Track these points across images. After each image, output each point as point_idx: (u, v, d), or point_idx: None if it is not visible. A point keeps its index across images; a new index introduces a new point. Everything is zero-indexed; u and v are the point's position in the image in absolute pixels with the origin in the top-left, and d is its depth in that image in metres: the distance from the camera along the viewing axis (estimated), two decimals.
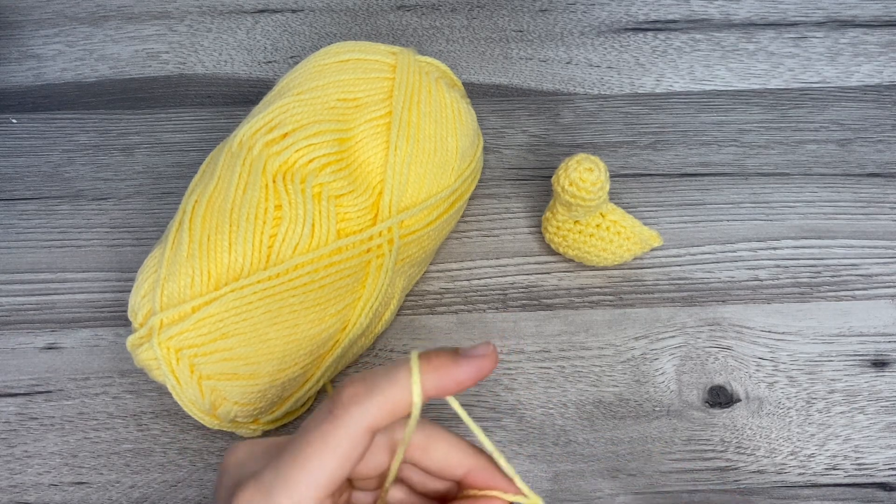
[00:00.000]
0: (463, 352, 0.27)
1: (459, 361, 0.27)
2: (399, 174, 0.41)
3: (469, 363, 0.27)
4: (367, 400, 0.25)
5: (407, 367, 0.26)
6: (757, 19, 0.56)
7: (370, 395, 0.25)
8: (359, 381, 0.26)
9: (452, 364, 0.26)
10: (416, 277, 0.44)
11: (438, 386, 0.26)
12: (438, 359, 0.26)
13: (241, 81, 0.54)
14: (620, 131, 0.51)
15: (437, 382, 0.26)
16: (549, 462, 0.40)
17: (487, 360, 0.27)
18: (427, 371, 0.26)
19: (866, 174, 0.49)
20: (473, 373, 0.27)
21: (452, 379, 0.26)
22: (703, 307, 0.44)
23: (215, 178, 0.39)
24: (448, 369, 0.26)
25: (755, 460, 0.40)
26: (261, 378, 0.37)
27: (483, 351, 0.27)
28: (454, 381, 0.26)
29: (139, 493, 0.40)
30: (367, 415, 0.25)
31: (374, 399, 0.25)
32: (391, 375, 0.26)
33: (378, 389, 0.26)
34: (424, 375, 0.26)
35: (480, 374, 0.27)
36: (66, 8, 0.58)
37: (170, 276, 0.37)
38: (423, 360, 0.26)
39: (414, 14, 0.57)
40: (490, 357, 0.27)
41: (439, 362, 0.26)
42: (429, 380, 0.26)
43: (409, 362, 0.26)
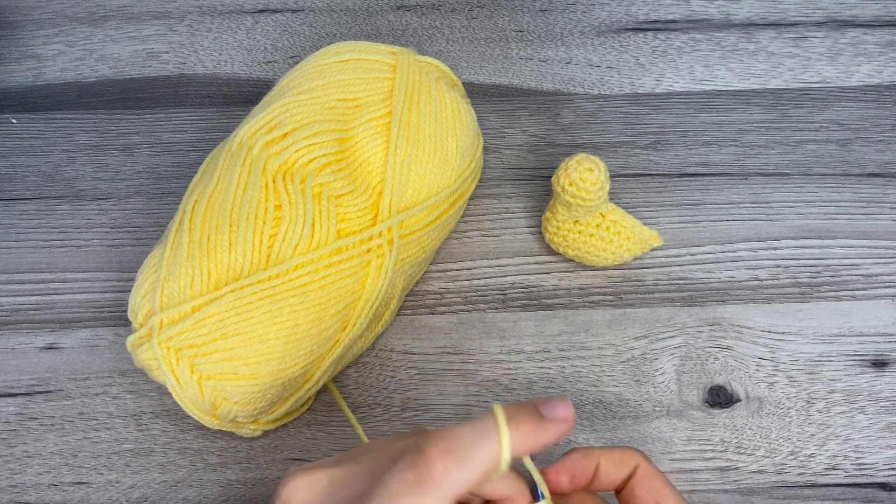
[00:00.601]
0: (546, 411, 0.27)
1: (545, 427, 0.27)
2: (399, 174, 0.41)
3: (555, 428, 0.27)
4: (458, 471, 0.25)
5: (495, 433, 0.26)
6: (757, 19, 0.56)
7: (460, 467, 0.25)
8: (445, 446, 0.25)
9: (537, 429, 0.27)
10: (416, 277, 0.44)
11: (523, 449, 0.26)
12: (524, 422, 0.27)
13: (241, 81, 0.54)
14: (620, 131, 0.51)
15: (522, 448, 0.26)
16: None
17: (567, 426, 0.27)
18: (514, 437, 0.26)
19: (866, 174, 0.49)
20: (555, 437, 0.27)
21: (536, 444, 0.27)
22: (703, 307, 0.44)
23: (215, 178, 0.39)
24: (533, 434, 0.27)
25: (755, 460, 0.40)
26: (261, 378, 0.37)
27: (564, 414, 0.27)
28: (538, 445, 0.27)
29: (139, 493, 0.40)
30: (458, 488, 0.25)
31: (466, 471, 0.25)
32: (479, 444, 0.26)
33: (469, 461, 0.25)
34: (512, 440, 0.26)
35: (560, 438, 0.27)
36: (66, 8, 0.58)
37: (170, 276, 0.37)
38: (511, 424, 0.26)
39: (414, 14, 0.57)
40: (570, 421, 0.27)
41: (526, 428, 0.26)
42: (515, 446, 0.26)
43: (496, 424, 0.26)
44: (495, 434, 0.26)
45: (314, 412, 0.42)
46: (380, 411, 0.42)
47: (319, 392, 0.42)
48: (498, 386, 0.42)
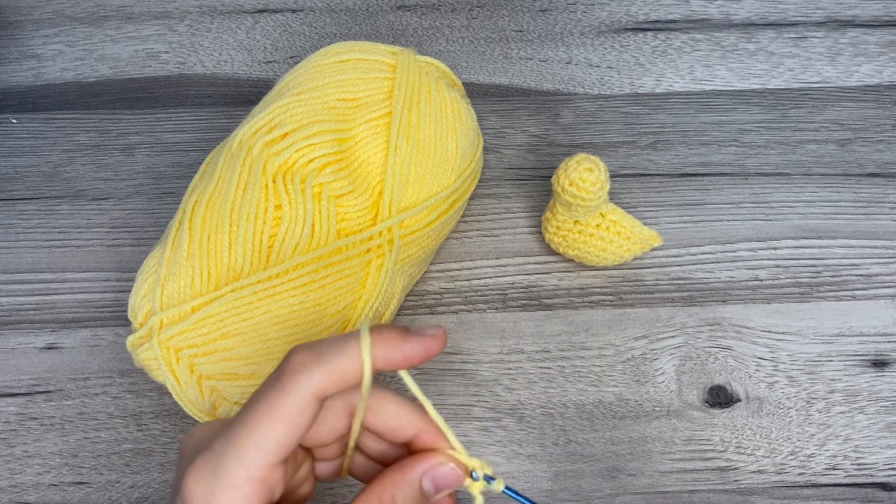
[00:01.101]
0: (414, 330, 0.28)
1: (409, 338, 0.27)
2: (399, 174, 0.41)
3: (418, 341, 0.27)
4: (316, 367, 0.25)
5: (357, 338, 0.26)
6: (757, 19, 0.56)
7: (318, 363, 0.26)
8: (307, 349, 0.26)
9: (402, 340, 0.27)
10: (416, 277, 0.44)
11: (387, 359, 0.27)
12: (388, 333, 0.27)
13: (241, 81, 0.54)
14: (620, 131, 0.51)
15: (386, 355, 0.27)
16: (549, 462, 0.40)
17: (436, 341, 0.28)
18: (377, 343, 0.26)
19: (866, 174, 0.49)
20: (421, 351, 0.27)
21: (401, 354, 0.27)
22: (703, 307, 0.44)
23: (215, 178, 0.39)
24: (397, 344, 0.27)
25: (755, 460, 0.40)
26: (261, 378, 0.37)
27: (433, 332, 0.28)
28: (402, 355, 0.27)
29: (139, 493, 0.40)
30: (315, 382, 0.25)
31: (323, 367, 0.26)
32: (340, 345, 0.26)
33: (326, 358, 0.26)
34: (374, 347, 0.26)
35: (428, 354, 0.27)
36: (66, 8, 0.58)
37: (170, 276, 0.37)
38: (374, 332, 0.27)
39: (414, 14, 0.57)
40: (439, 339, 0.28)
41: (389, 336, 0.27)
42: (378, 352, 0.26)
43: (359, 333, 0.26)
44: (356, 337, 0.26)
45: None
46: None
47: None
48: (498, 386, 0.42)
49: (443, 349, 0.28)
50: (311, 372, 0.25)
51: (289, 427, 0.25)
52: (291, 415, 0.25)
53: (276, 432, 0.25)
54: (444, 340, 0.28)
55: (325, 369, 0.25)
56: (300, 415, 0.25)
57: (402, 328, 0.27)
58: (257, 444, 0.25)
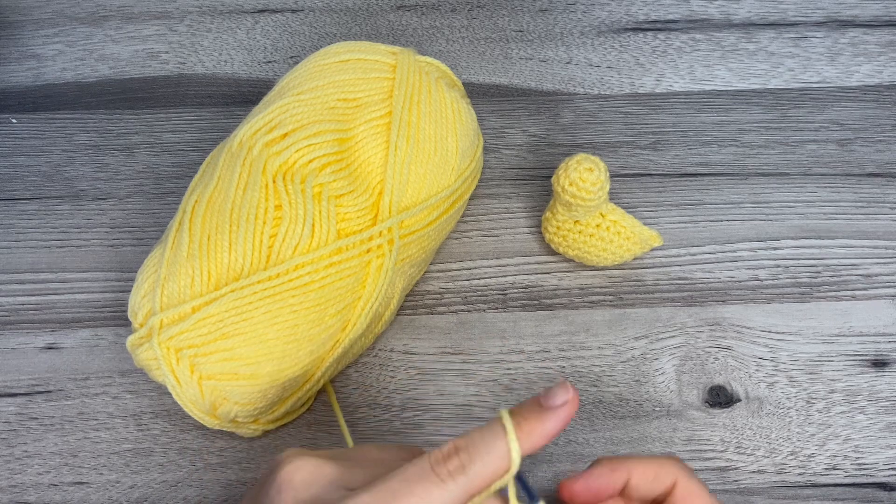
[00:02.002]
0: (546, 402, 0.28)
1: (547, 418, 0.28)
2: (399, 174, 0.41)
3: (556, 417, 0.28)
4: (471, 469, 0.27)
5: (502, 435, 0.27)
6: (757, 19, 0.56)
7: (472, 465, 0.27)
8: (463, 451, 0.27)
9: (540, 423, 0.28)
10: (416, 277, 0.44)
11: (530, 449, 0.28)
12: (528, 423, 0.28)
13: (241, 81, 0.54)
14: (620, 131, 0.51)
15: (530, 446, 0.28)
16: (549, 462, 0.40)
17: (571, 408, 0.28)
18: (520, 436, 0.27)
19: (866, 174, 0.49)
20: (561, 426, 0.28)
21: (542, 437, 0.28)
22: (703, 307, 0.44)
23: (215, 178, 0.39)
24: (538, 429, 0.28)
25: (755, 460, 0.40)
26: (261, 378, 0.37)
27: (564, 398, 0.28)
28: (544, 437, 0.28)
29: (139, 493, 0.40)
30: (471, 484, 0.27)
31: (476, 470, 0.27)
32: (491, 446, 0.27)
33: (480, 460, 0.27)
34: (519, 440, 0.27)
35: (566, 424, 0.29)
36: (66, 8, 0.58)
37: (170, 276, 0.37)
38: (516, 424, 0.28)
39: (414, 14, 0.57)
40: (572, 404, 0.28)
41: (529, 426, 0.28)
42: (523, 444, 0.27)
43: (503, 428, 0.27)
44: (501, 434, 0.27)
45: (314, 412, 0.42)
46: (380, 411, 0.42)
47: (319, 392, 0.42)
48: (498, 386, 0.42)
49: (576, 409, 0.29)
50: (468, 475, 0.27)
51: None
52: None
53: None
54: (576, 403, 0.29)
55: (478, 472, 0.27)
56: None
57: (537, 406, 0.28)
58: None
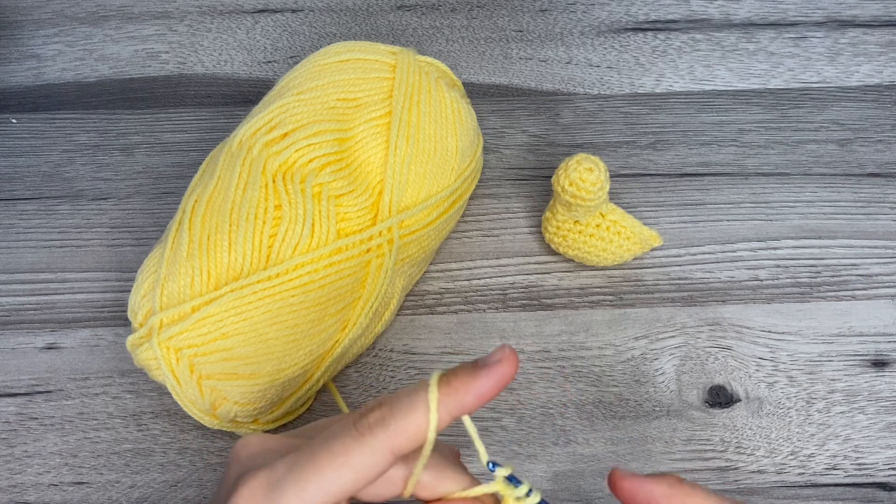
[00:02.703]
0: (481, 362, 0.26)
1: (478, 374, 0.26)
2: (399, 174, 0.41)
3: (487, 373, 0.26)
4: (392, 424, 0.25)
5: (426, 393, 0.26)
6: (757, 19, 0.56)
7: (395, 420, 0.25)
8: (385, 404, 0.26)
9: (471, 379, 0.26)
10: (416, 277, 0.44)
11: (459, 406, 0.26)
12: (457, 379, 0.26)
13: (241, 81, 0.54)
14: (620, 131, 0.51)
15: (458, 402, 0.26)
16: (549, 462, 0.40)
17: (506, 365, 0.26)
18: (447, 394, 0.26)
19: (866, 174, 0.49)
20: (493, 383, 0.26)
21: (473, 394, 0.26)
22: (703, 307, 0.44)
23: (215, 178, 0.39)
24: (467, 385, 0.26)
25: (755, 460, 0.40)
26: (261, 378, 0.37)
27: (499, 356, 0.26)
28: (475, 396, 0.26)
29: (139, 493, 0.40)
30: (391, 438, 0.25)
31: (398, 424, 0.25)
32: (413, 401, 0.26)
33: (401, 414, 0.25)
34: (445, 398, 0.26)
35: (502, 382, 0.26)
36: (66, 8, 0.58)
37: (170, 276, 0.37)
38: (443, 382, 0.26)
39: (414, 14, 0.57)
40: (508, 360, 0.26)
41: (458, 382, 0.26)
42: (449, 402, 0.26)
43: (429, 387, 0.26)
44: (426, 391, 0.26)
45: (314, 412, 0.42)
46: None
47: (319, 392, 0.42)
48: None
49: (516, 370, 0.27)
50: (388, 428, 0.25)
51: (356, 476, 0.25)
52: (362, 465, 0.25)
53: (342, 477, 0.25)
54: (514, 360, 0.26)
55: (401, 427, 0.25)
56: (371, 467, 0.25)
57: (470, 366, 0.26)
58: (321, 483, 0.25)
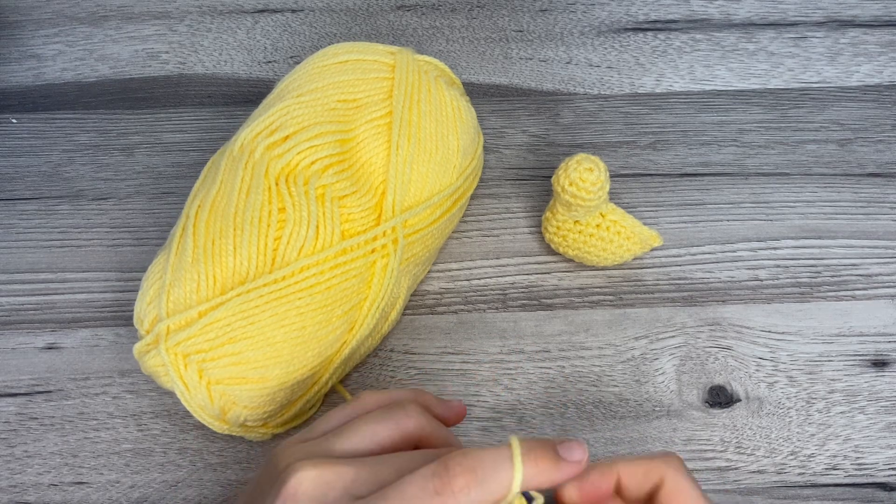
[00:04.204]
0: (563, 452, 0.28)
1: (559, 467, 0.28)
2: (401, 173, 0.41)
3: (568, 469, 0.28)
4: (476, 492, 0.26)
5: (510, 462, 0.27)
6: (757, 19, 0.56)
7: (479, 488, 0.26)
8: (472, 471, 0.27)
9: (552, 467, 0.27)
10: (420, 277, 0.44)
11: (534, 483, 0.27)
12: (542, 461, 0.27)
13: (241, 81, 0.54)
14: (620, 131, 0.51)
15: (536, 480, 0.27)
16: None
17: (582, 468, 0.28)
18: (528, 465, 0.27)
19: (866, 174, 0.49)
20: (567, 478, 0.28)
21: (548, 480, 0.27)
22: (703, 307, 0.44)
23: (217, 183, 0.39)
24: (548, 471, 0.27)
25: (755, 460, 0.40)
26: (270, 381, 0.37)
27: (579, 458, 0.28)
28: (549, 482, 0.28)
29: (139, 493, 0.40)
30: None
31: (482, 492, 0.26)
32: (500, 469, 0.27)
33: (488, 483, 0.26)
34: (525, 469, 0.27)
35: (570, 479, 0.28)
36: (66, 8, 0.58)
37: (175, 282, 0.36)
38: (526, 453, 0.27)
39: (414, 14, 0.57)
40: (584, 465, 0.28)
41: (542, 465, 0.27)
42: (528, 475, 0.27)
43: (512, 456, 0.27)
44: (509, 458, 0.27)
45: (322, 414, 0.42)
46: None
47: (328, 394, 0.42)
48: (498, 386, 0.42)
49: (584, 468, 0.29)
50: (471, 493, 0.26)
51: None
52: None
53: None
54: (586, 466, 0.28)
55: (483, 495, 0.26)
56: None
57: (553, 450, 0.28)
58: None
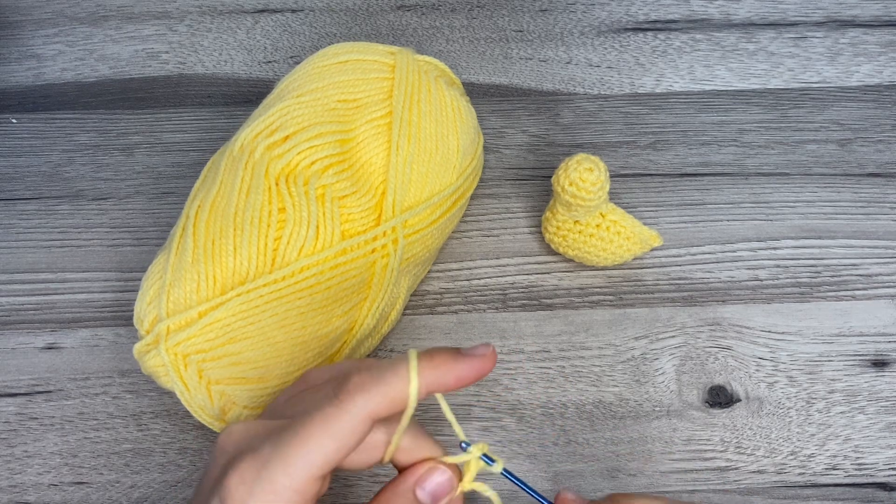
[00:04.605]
0: (464, 351, 0.28)
1: (459, 359, 0.28)
2: (401, 174, 0.41)
3: (469, 361, 0.28)
4: (373, 388, 0.26)
5: (406, 362, 0.27)
6: (757, 19, 0.56)
7: (375, 385, 0.26)
8: (364, 370, 0.27)
9: (452, 361, 0.28)
10: (420, 277, 0.44)
11: (438, 381, 0.27)
12: (440, 356, 0.28)
13: (241, 81, 0.54)
14: (620, 131, 0.51)
15: (437, 378, 0.27)
16: (549, 462, 0.40)
17: (487, 361, 0.28)
18: (428, 367, 0.27)
19: (866, 174, 0.49)
20: (472, 371, 0.28)
21: (452, 375, 0.28)
22: (703, 307, 0.44)
23: (217, 183, 0.39)
24: (448, 366, 0.27)
25: (755, 460, 0.40)
26: (270, 381, 0.37)
27: (483, 351, 0.28)
28: (454, 376, 0.28)
29: (139, 493, 0.40)
30: (371, 403, 0.26)
31: (379, 389, 0.26)
32: (396, 368, 0.27)
33: (383, 380, 0.27)
34: (425, 371, 0.27)
35: (479, 374, 0.28)
36: (66, 8, 0.58)
37: (175, 282, 0.36)
38: (425, 356, 0.27)
39: (414, 14, 0.57)
40: (489, 357, 0.28)
41: (440, 359, 0.27)
42: (429, 375, 0.27)
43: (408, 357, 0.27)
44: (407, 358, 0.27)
45: None
46: None
47: None
48: (498, 386, 0.42)
49: (493, 368, 0.29)
50: (369, 393, 0.26)
51: (339, 444, 0.26)
52: (344, 433, 0.26)
53: (326, 447, 0.26)
54: (493, 358, 0.29)
55: (380, 391, 0.26)
56: (352, 434, 0.26)
57: (453, 350, 0.28)
58: (306, 456, 0.26)
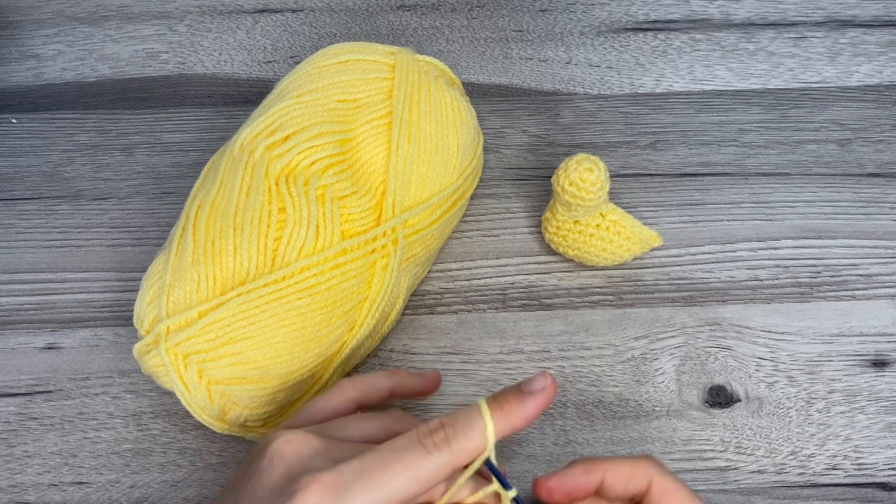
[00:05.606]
0: (526, 388, 0.30)
1: (526, 401, 0.30)
2: (401, 174, 0.41)
3: (535, 400, 0.30)
4: (454, 444, 0.29)
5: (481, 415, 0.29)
6: (757, 19, 0.56)
7: (456, 440, 0.29)
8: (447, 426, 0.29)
9: (520, 405, 0.30)
10: (420, 277, 0.44)
11: (509, 429, 0.30)
12: (508, 403, 0.30)
13: (241, 81, 0.54)
14: (620, 131, 0.51)
15: (509, 425, 0.30)
16: (549, 462, 0.40)
17: (549, 392, 0.31)
18: (499, 417, 0.30)
19: (866, 174, 0.49)
20: (539, 409, 0.30)
21: (521, 419, 0.30)
22: (703, 307, 0.44)
23: (217, 183, 0.39)
24: (518, 411, 0.30)
25: (755, 460, 0.40)
26: (270, 382, 0.37)
27: (542, 384, 0.31)
28: (523, 420, 0.30)
29: (139, 493, 0.40)
30: (454, 457, 0.29)
31: (460, 444, 0.29)
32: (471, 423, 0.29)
33: (462, 436, 0.29)
34: (498, 421, 0.29)
35: (545, 407, 0.31)
36: (66, 8, 0.58)
37: (175, 282, 0.36)
38: (495, 405, 0.30)
39: (414, 14, 0.57)
40: (550, 388, 0.31)
41: (509, 406, 0.30)
42: (501, 423, 0.29)
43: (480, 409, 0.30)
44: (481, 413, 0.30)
45: None
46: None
47: None
48: (498, 386, 0.42)
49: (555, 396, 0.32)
50: (451, 448, 0.29)
51: (420, 487, 0.28)
52: (427, 478, 0.28)
53: (409, 487, 0.28)
54: (554, 387, 0.31)
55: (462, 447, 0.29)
56: (433, 480, 0.28)
57: (518, 392, 0.30)
58: (389, 490, 0.27)
